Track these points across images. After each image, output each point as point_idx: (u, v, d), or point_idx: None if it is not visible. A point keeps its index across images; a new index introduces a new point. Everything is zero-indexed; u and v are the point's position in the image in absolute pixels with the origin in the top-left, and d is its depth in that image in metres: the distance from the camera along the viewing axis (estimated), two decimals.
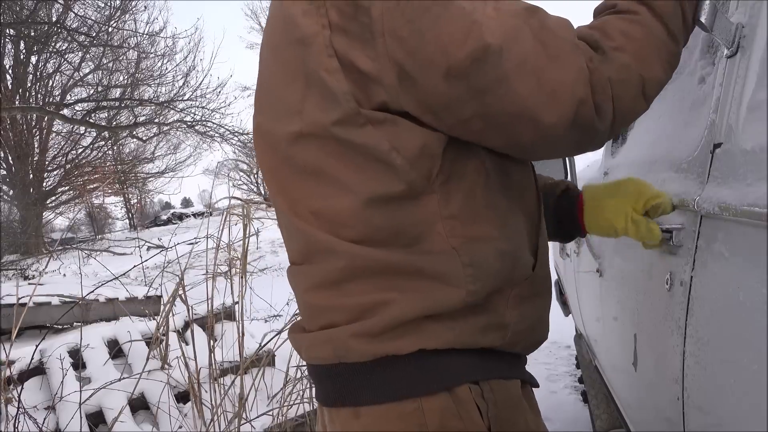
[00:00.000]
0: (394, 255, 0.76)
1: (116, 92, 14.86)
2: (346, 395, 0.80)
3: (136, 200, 25.85)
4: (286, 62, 0.79)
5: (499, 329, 0.81)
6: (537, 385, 0.89)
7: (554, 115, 0.71)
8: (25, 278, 9.06)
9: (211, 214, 2.79)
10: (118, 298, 4.73)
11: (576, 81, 0.71)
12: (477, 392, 0.78)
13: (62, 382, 2.59)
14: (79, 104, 14.65)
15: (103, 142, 16.49)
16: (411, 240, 0.77)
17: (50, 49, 13.00)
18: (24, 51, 13.81)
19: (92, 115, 14.21)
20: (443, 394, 0.77)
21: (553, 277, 2.97)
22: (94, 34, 11.54)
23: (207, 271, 2.61)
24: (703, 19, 0.80)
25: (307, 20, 0.75)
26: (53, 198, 16.27)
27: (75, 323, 4.41)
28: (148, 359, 2.78)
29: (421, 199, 0.76)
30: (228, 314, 3.25)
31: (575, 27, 0.79)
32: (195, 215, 29.14)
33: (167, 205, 39.45)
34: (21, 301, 3.16)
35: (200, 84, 15.32)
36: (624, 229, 0.96)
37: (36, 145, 15.21)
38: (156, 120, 14.68)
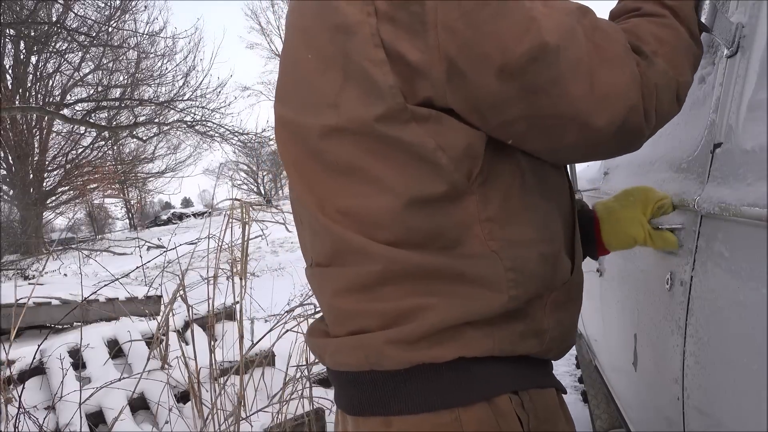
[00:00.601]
0: (433, 258, 0.73)
1: (116, 92, 14.87)
2: (376, 404, 0.76)
3: (136, 200, 25.86)
4: (320, 49, 0.75)
5: (537, 335, 0.78)
6: (566, 392, 0.87)
7: (604, 119, 0.69)
8: (25, 278, 9.06)
9: (211, 215, 2.79)
10: (118, 298, 4.73)
11: (629, 85, 0.70)
12: (517, 402, 0.75)
13: (62, 382, 2.59)
14: (79, 104, 14.66)
15: (103, 142, 16.50)
16: (449, 243, 0.73)
17: (50, 49, 13.00)
18: (24, 51, 13.82)
19: (92, 115, 14.21)
20: (482, 404, 0.73)
21: None
22: (94, 34, 11.54)
23: (208, 272, 2.61)
24: (703, 19, 0.80)
25: (351, 7, 0.70)
26: (53, 198, 16.27)
27: (75, 323, 4.41)
28: (148, 359, 2.78)
29: (461, 201, 0.73)
30: (228, 314, 3.25)
31: None
32: (195, 215, 29.16)
33: (167, 205, 39.49)
34: (20, 301, 3.16)
35: (200, 84, 15.32)
36: (643, 240, 0.95)
37: (36, 145, 15.21)
38: (156, 120, 14.67)
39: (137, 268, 3.32)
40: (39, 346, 2.65)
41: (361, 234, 0.75)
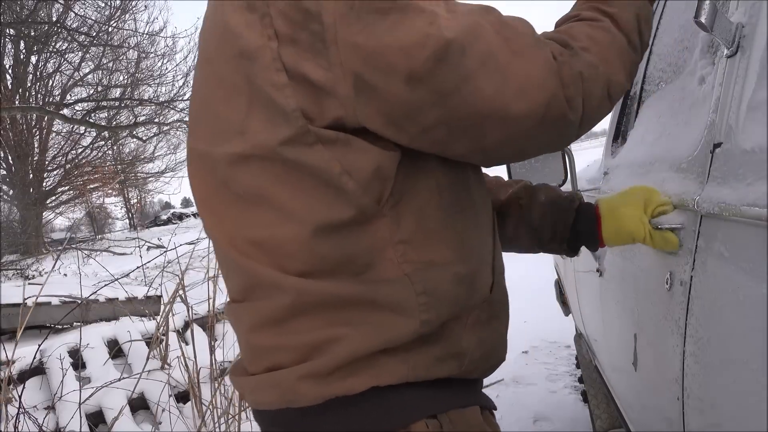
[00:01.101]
0: (345, 286, 0.72)
1: (116, 92, 14.88)
2: None
3: (136, 200, 25.86)
4: (224, 77, 0.73)
5: (456, 358, 0.77)
6: (495, 408, 0.86)
7: (523, 111, 0.69)
8: (25, 278, 9.06)
9: None
10: (118, 298, 4.73)
11: (544, 74, 0.69)
12: (435, 426, 0.74)
13: (62, 382, 2.59)
14: (79, 104, 14.67)
15: (103, 142, 16.50)
16: (361, 268, 0.72)
17: (50, 49, 13.01)
18: (24, 51, 13.82)
19: (92, 115, 14.22)
20: None
21: (553, 277, 2.98)
22: (94, 34, 11.54)
23: (208, 271, 2.61)
24: (703, 19, 0.80)
25: (251, 32, 0.69)
26: (53, 198, 16.28)
27: (75, 323, 4.41)
28: (148, 359, 2.78)
29: (371, 225, 0.72)
30: None
31: (540, 33, 0.79)
32: (195, 215, 29.11)
33: (167, 205, 39.46)
34: (28, 300, 3.16)
35: None
36: (642, 238, 0.96)
37: (36, 145, 15.22)
38: (156, 120, 14.68)
39: (137, 268, 3.32)
40: (39, 346, 2.65)
41: (273, 266, 0.73)
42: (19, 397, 2.35)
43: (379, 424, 0.73)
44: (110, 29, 12.32)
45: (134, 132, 15.30)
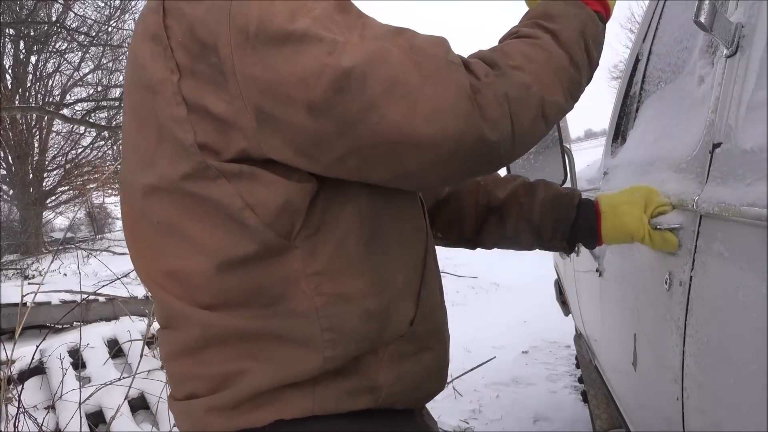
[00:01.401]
0: (251, 321, 0.71)
1: (116, 92, 14.86)
2: None
3: None
4: (136, 107, 0.74)
5: (369, 392, 0.75)
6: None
7: (436, 135, 0.65)
8: (25, 278, 9.06)
9: None
10: (118, 298, 4.73)
11: (455, 97, 0.66)
12: None
13: (62, 381, 2.59)
14: (79, 104, 14.66)
15: (103, 142, 16.47)
16: (272, 300, 0.71)
17: (50, 49, 13.01)
18: (24, 51, 13.82)
19: (92, 114, 14.21)
20: None
21: (553, 277, 2.98)
22: (94, 34, 11.54)
23: None
24: (702, 19, 0.80)
25: (156, 64, 0.68)
26: (53, 198, 16.27)
27: (75, 323, 4.41)
28: (142, 358, 2.78)
29: (282, 257, 0.70)
30: None
31: (477, 50, 0.76)
32: None
33: None
34: (26, 298, 3.16)
35: None
36: (641, 238, 0.95)
37: (36, 145, 15.21)
38: None
39: None
40: (38, 346, 2.65)
41: (183, 297, 0.73)
42: (19, 396, 2.35)
43: None
44: (110, 29, 12.33)
45: None
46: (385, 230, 0.77)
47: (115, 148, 17.70)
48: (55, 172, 16.08)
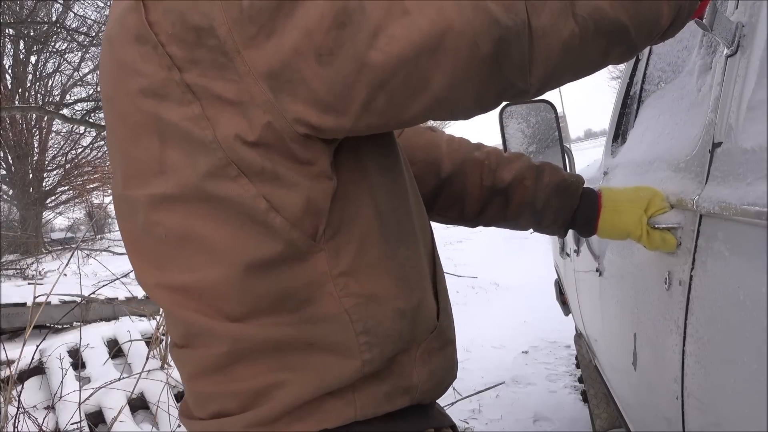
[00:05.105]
0: (282, 330, 0.69)
1: None
2: None
3: None
4: (125, 116, 0.70)
5: (406, 392, 0.75)
6: (453, 424, 0.84)
7: (447, 32, 0.61)
8: (25, 278, 9.06)
9: None
10: (118, 298, 4.73)
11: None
12: None
13: (62, 381, 2.60)
14: (79, 104, 14.66)
15: (103, 142, 16.46)
16: (298, 305, 0.69)
17: (50, 49, 13.01)
18: (24, 51, 13.82)
19: (92, 114, 14.20)
20: None
21: (553, 277, 2.98)
22: (94, 34, 11.54)
23: None
24: (703, 19, 0.80)
25: (149, 66, 0.65)
26: (53, 198, 16.27)
27: (75, 323, 4.41)
28: (147, 359, 2.78)
29: (307, 259, 0.68)
30: None
31: None
32: None
33: None
34: (26, 301, 3.17)
35: None
36: (638, 237, 0.95)
37: (36, 145, 15.20)
38: None
39: None
40: (38, 346, 2.65)
41: (205, 312, 0.70)
42: (19, 396, 2.35)
43: None
44: None
45: None
46: (402, 226, 0.76)
47: None
48: (55, 172, 16.07)
